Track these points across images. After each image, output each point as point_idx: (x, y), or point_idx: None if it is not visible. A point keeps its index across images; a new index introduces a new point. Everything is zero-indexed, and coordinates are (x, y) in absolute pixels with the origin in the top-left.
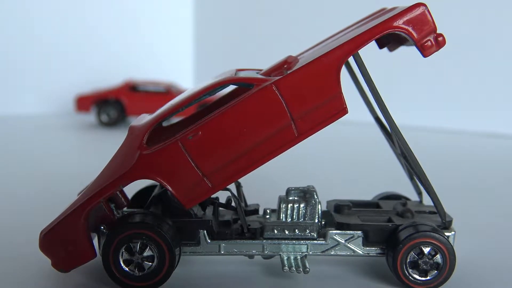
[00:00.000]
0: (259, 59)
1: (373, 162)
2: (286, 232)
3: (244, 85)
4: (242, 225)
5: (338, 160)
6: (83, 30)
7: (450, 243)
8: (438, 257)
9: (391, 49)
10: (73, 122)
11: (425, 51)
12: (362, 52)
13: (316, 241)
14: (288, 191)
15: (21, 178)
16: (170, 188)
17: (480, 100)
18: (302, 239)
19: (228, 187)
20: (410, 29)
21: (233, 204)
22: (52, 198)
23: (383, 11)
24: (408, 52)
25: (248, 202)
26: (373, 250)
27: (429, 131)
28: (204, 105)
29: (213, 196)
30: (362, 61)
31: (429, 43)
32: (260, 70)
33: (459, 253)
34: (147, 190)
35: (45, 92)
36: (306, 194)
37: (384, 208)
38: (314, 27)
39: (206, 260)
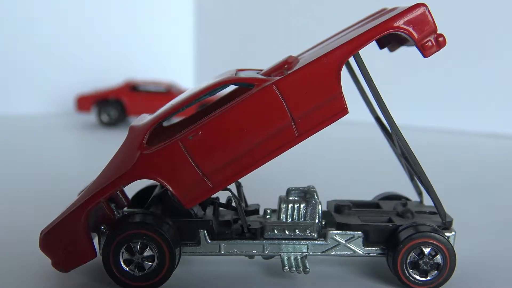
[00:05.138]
0: (259, 59)
1: (373, 162)
2: (287, 232)
3: (244, 85)
4: (243, 225)
5: (338, 160)
6: (83, 30)
7: (450, 244)
8: (438, 258)
9: (391, 49)
10: (73, 122)
11: (425, 52)
12: (362, 52)
13: (316, 241)
14: (289, 191)
15: (21, 178)
16: (170, 188)
17: (480, 100)
18: (303, 239)
19: (228, 187)
20: (410, 29)
21: (233, 204)
22: (52, 198)
23: (383, 12)
24: (408, 52)
25: (249, 202)
26: (373, 251)
27: (429, 131)
28: (205, 105)
29: (214, 196)
30: (363, 61)
31: (429, 43)
32: (260, 70)
33: (459, 253)
34: (147, 190)
35: (45, 92)
36: (307, 194)
37: (385, 208)
38: (314, 27)
39: (206, 260)
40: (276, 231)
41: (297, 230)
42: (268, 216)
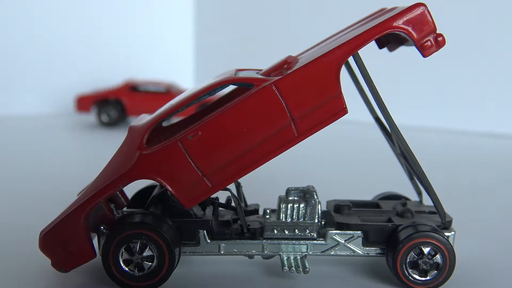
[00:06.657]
0: (259, 59)
1: (373, 162)
2: (286, 232)
3: (244, 85)
4: (242, 225)
5: (338, 160)
6: (83, 30)
7: (450, 243)
8: (438, 257)
9: (391, 49)
10: (73, 122)
11: (425, 51)
12: (362, 52)
13: (316, 241)
14: (288, 191)
15: (21, 178)
16: (170, 188)
17: (480, 100)
18: (302, 239)
19: (228, 187)
20: (410, 29)
21: (233, 204)
22: (52, 198)
23: (383, 11)
24: (408, 52)
25: (248, 202)
26: (373, 250)
27: (429, 131)
28: (204, 105)
29: (213, 196)
30: (362, 61)
31: (429, 43)
32: (260, 70)
33: (459, 253)
34: (147, 190)
35: (45, 92)
36: (306, 194)
37: (384, 208)
38: (314, 27)
39: (206, 260)
40: (275, 231)
41: (296, 230)
42: (267, 216)
